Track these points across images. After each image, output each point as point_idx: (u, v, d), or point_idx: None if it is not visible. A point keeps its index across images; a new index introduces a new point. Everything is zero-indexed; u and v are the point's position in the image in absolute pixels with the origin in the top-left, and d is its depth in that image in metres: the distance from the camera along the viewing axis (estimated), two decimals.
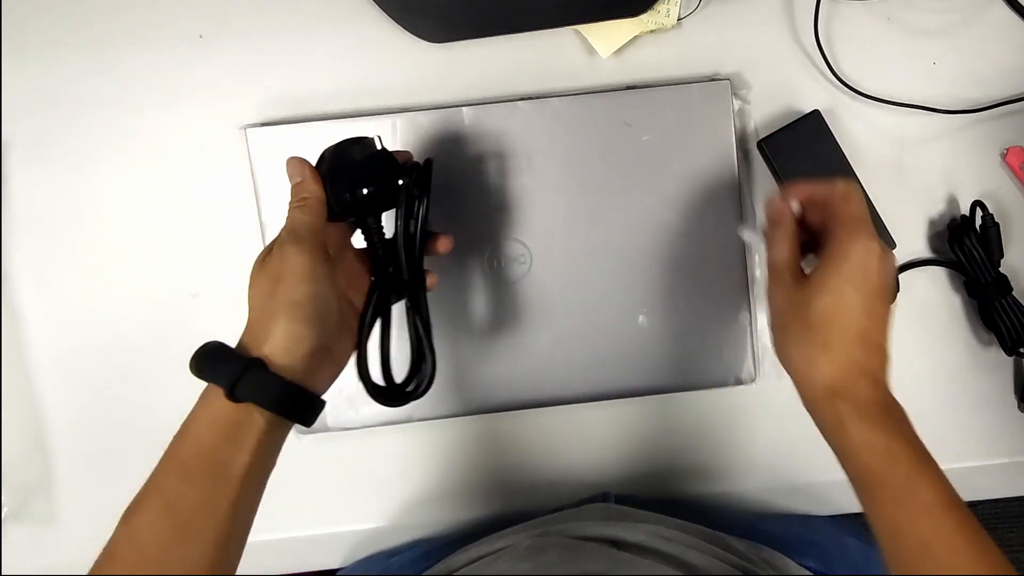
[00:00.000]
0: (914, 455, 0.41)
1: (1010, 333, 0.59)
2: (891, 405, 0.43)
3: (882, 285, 0.43)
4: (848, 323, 0.43)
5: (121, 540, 0.40)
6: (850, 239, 0.44)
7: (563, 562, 0.48)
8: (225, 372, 0.41)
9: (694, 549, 0.51)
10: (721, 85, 0.58)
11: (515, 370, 0.60)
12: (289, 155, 0.47)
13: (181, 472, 0.41)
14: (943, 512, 0.39)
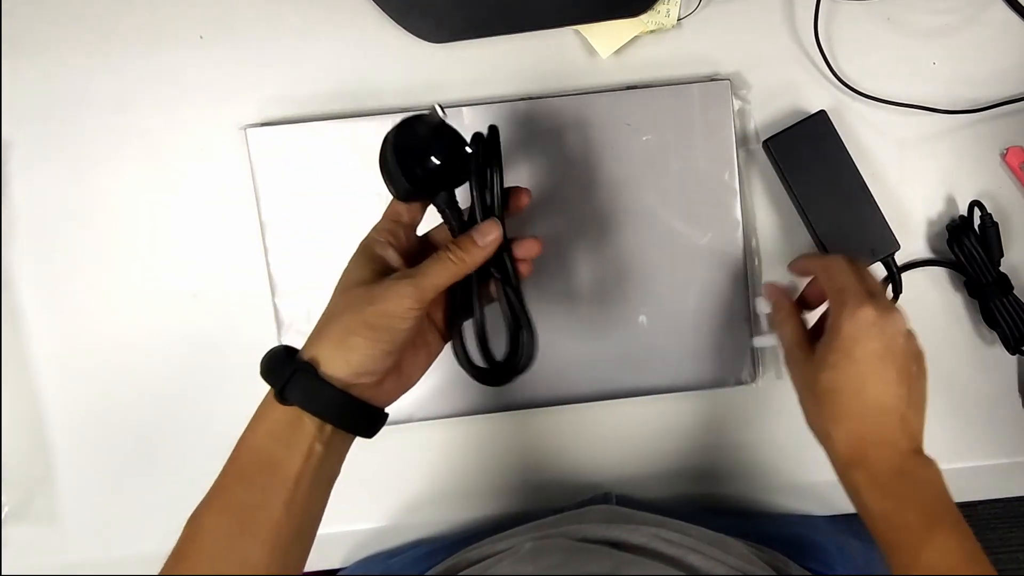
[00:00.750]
0: (925, 517, 0.42)
1: (1012, 332, 0.59)
2: (909, 469, 0.44)
3: (885, 348, 0.44)
4: (851, 394, 0.45)
5: (186, 538, 0.42)
6: (838, 311, 0.45)
7: (565, 564, 0.48)
8: (279, 374, 0.42)
9: (695, 551, 0.51)
10: (721, 85, 0.58)
11: None
12: (287, 156, 0.48)
13: (238, 472, 0.42)
14: (953, 572, 0.40)
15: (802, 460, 0.63)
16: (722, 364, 0.60)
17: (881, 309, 0.45)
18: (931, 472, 0.44)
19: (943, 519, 0.42)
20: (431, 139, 0.45)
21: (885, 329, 0.45)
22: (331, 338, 0.42)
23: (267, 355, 0.44)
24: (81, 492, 0.63)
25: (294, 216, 0.59)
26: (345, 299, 0.43)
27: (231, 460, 0.43)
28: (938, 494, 0.43)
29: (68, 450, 0.62)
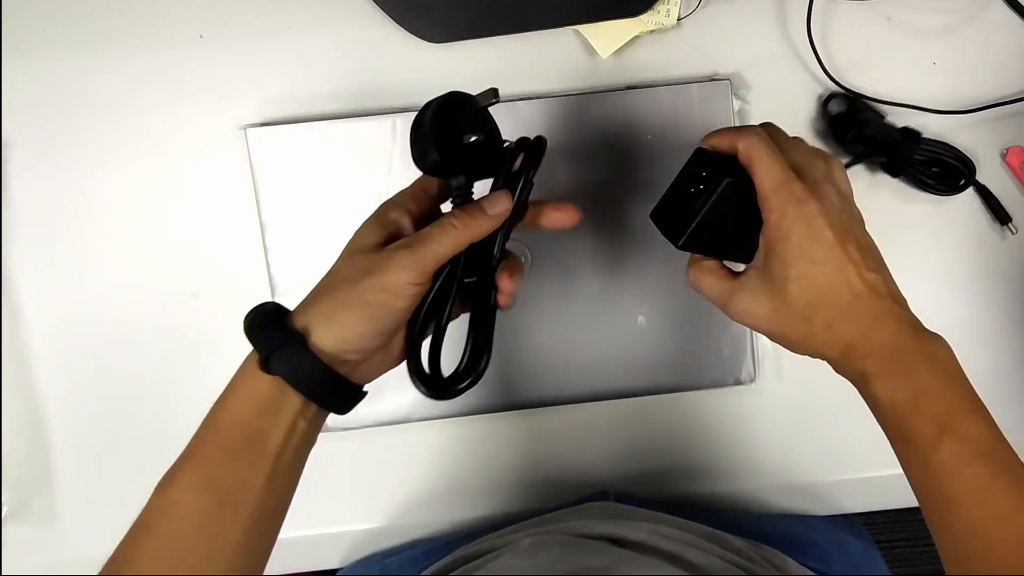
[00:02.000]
0: (942, 405, 0.38)
1: (943, 174, 0.59)
2: (918, 348, 0.40)
3: (837, 229, 0.41)
4: (832, 292, 0.41)
5: (156, 511, 0.39)
6: (770, 217, 0.42)
7: (563, 559, 0.49)
8: (265, 340, 0.40)
9: (694, 547, 0.51)
10: (721, 85, 0.58)
11: (515, 370, 0.60)
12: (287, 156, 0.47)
13: (220, 444, 0.39)
14: (974, 464, 0.37)
15: (802, 460, 0.63)
16: (721, 364, 0.60)
17: (813, 192, 0.41)
18: (941, 349, 0.40)
19: (962, 408, 0.38)
20: (476, 119, 0.43)
21: (825, 211, 0.41)
22: (325, 309, 0.40)
23: (256, 311, 0.41)
24: (81, 492, 0.63)
25: (294, 216, 0.59)
26: (347, 266, 0.41)
27: (209, 429, 0.40)
28: (952, 377, 0.40)
29: (68, 450, 0.63)
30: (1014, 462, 0.38)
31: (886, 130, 0.58)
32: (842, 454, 0.62)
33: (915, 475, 0.39)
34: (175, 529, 0.38)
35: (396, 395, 0.60)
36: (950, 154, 0.59)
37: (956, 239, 0.62)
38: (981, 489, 0.36)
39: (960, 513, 0.37)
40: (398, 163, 0.59)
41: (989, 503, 0.36)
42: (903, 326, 0.41)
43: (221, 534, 0.38)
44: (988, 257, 0.62)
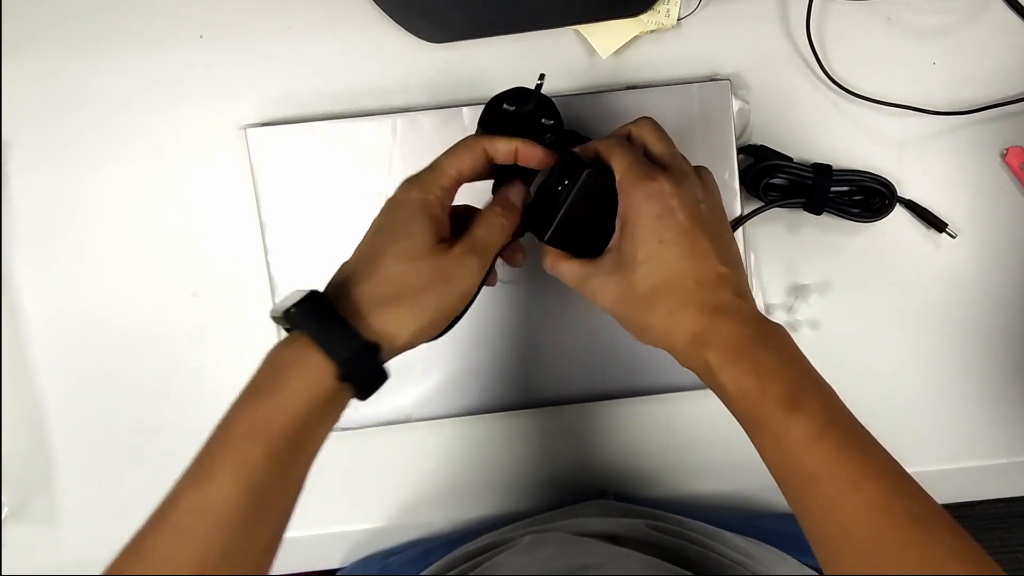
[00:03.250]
0: (787, 386, 0.39)
1: (866, 201, 0.60)
2: (758, 335, 0.40)
3: (690, 216, 0.41)
4: (673, 278, 0.41)
5: (188, 510, 0.36)
6: (623, 201, 0.42)
7: (561, 557, 0.49)
8: (339, 345, 0.38)
9: (693, 544, 0.51)
10: (721, 85, 0.58)
11: (515, 370, 0.60)
12: (287, 156, 0.47)
13: (268, 446, 0.37)
14: (822, 439, 0.37)
15: None
16: None
17: (668, 175, 0.42)
18: (781, 335, 0.41)
19: (805, 386, 0.39)
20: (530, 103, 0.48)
21: (680, 196, 0.41)
22: (403, 317, 0.40)
23: (311, 306, 0.39)
24: (81, 492, 0.63)
25: (294, 216, 0.59)
26: (414, 272, 0.40)
27: (256, 426, 0.37)
28: (793, 359, 0.40)
29: (68, 450, 0.63)
30: (858, 429, 0.38)
31: (796, 172, 0.59)
32: None
33: (771, 458, 0.40)
34: (210, 530, 0.36)
35: (396, 395, 0.60)
36: (867, 178, 0.59)
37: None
38: (832, 462, 0.37)
39: (819, 489, 0.37)
40: (398, 163, 0.59)
41: (841, 475, 0.36)
42: (745, 317, 0.41)
43: (256, 535, 0.38)
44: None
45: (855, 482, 0.36)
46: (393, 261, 0.40)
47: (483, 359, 0.60)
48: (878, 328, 0.62)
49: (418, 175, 0.43)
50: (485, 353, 0.60)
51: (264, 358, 0.40)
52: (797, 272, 0.62)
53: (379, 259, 0.41)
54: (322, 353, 0.38)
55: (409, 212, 0.42)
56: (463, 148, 0.44)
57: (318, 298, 0.39)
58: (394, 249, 0.41)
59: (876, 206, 0.59)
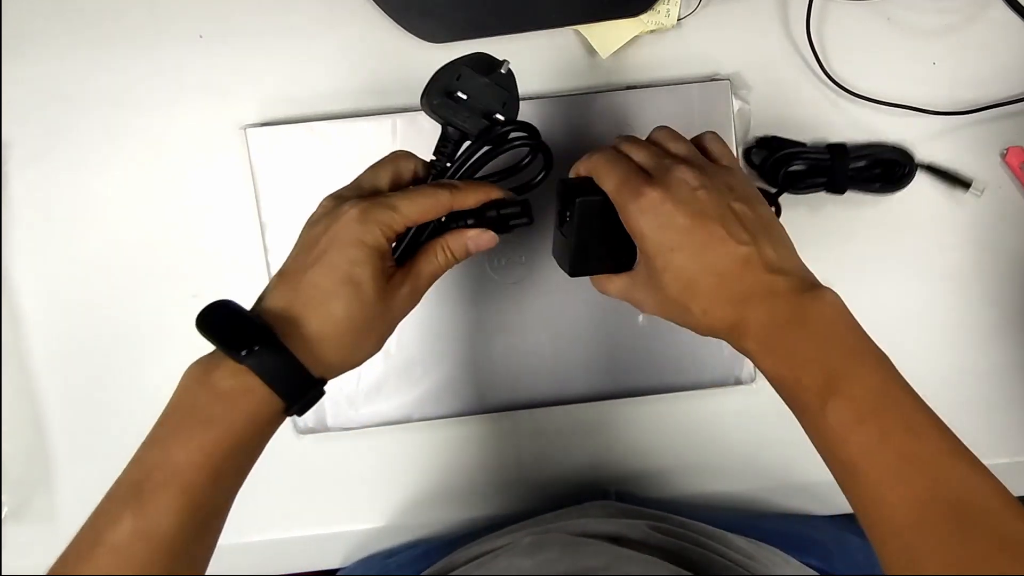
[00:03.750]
0: (822, 378, 0.37)
1: (886, 173, 0.60)
2: (796, 317, 0.39)
3: (688, 215, 0.41)
4: (696, 278, 0.41)
5: (130, 534, 0.36)
6: (624, 217, 0.43)
7: (563, 559, 0.49)
8: (293, 386, 0.39)
9: (695, 545, 0.51)
10: (721, 85, 0.58)
11: (515, 370, 0.60)
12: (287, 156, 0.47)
13: (214, 472, 0.38)
14: (861, 427, 0.36)
15: (802, 460, 0.63)
16: (722, 364, 0.60)
17: (656, 182, 0.42)
18: (823, 307, 0.39)
19: (846, 368, 0.37)
20: (491, 84, 0.46)
21: (673, 197, 0.41)
22: (349, 350, 0.42)
23: (285, 360, 0.39)
24: (81, 492, 0.63)
25: (294, 216, 0.59)
26: (364, 313, 0.41)
27: (201, 451, 0.38)
28: (836, 335, 0.39)
29: (68, 450, 0.63)
30: (908, 410, 0.37)
31: (812, 156, 0.59)
32: None
33: (815, 443, 0.39)
34: (152, 556, 0.36)
35: (396, 395, 0.60)
36: (883, 149, 0.59)
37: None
38: (872, 451, 0.36)
39: (858, 477, 0.36)
40: None
41: (882, 465, 0.35)
42: (778, 296, 0.40)
43: (196, 554, 0.39)
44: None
45: (898, 472, 0.35)
46: (344, 306, 0.41)
47: (483, 359, 0.60)
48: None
49: (373, 211, 0.41)
50: (485, 353, 0.60)
51: (197, 377, 0.40)
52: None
53: (328, 301, 0.41)
54: (272, 391, 0.39)
55: (360, 255, 0.41)
56: (426, 197, 0.43)
57: (273, 341, 0.39)
58: (343, 292, 0.41)
59: (897, 175, 0.59)
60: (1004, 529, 0.33)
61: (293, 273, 0.42)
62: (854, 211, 0.61)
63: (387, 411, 0.60)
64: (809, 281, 0.41)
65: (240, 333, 0.39)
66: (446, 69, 0.46)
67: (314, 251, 0.41)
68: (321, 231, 0.42)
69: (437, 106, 0.46)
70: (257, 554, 0.64)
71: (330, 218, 0.42)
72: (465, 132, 0.46)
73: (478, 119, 0.46)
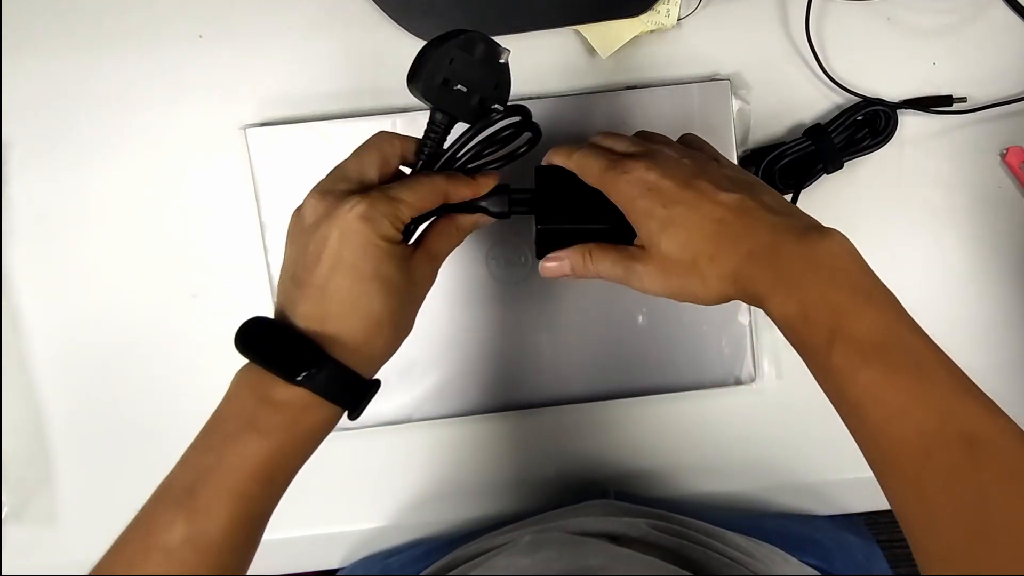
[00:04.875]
0: (828, 315, 0.37)
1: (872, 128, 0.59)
2: (802, 254, 0.39)
3: (674, 175, 0.42)
4: (696, 229, 0.41)
5: (184, 541, 0.37)
6: (616, 200, 0.43)
7: (561, 557, 0.49)
8: (352, 397, 0.41)
9: (695, 544, 0.51)
10: (721, 85, 0.59)
11: (515, 370, 0.60)
12: (287, 156, 0.47)
13: (267, 479, 0.39)
14: (867, 366, 0.35)
15: (802, 460, 0.63)
16: (722, 364, 0.60)
17: (640, 157, 0.43)
18: (826, 246, 0.39)
19: (852, 306, 0.37)
20: (484, 67, 0.45)
21: (658, 166, 0.42)
22: (388, 339, 0.42)
23: (340, 374, 0.40)
24: (81, 492, 0.63)
25: None
26: (393, 305, 0.41)
27: (259, 463, 0.38)
28: (843, 272, 0.38)
29: (68, 450, 0.63)
30: (915, 347, 0.36)
31: (797, 149, 0.59)
32: (843, 454, 0.62)
33: (822, 384, 0.38)
34: (204, 562, 0.37)
35: (396, 395, 0.60)
36: (857, 111, 0.59)
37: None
38: (878, 391, 0.35)
39: (864, 417, 0.36)
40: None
41: (888, 403, 0.35)
42: (781, 233, 0.40)
43: (243, 559, 0.39)
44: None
45: (904, 408, 0.34)
46: (376, 301, 0.41)
47: (483, 359, 0.60)
48: None
49: (378, 206, 0.41)
50: (485, 353, 0.60)
51: (251, 386, 0.40)
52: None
53: (360, 303, 0.40)
54: (332, 404, 0.40)
55: (380, 252, 0.41)
56: (429, 188, 0.43)
57: (321, 357, 0.39)
58: (373, 289, 0.41)
59: (882, 126, 0.59)
60: (1013, 461, 0.33)
61: (314, 284, 0.41)
62: (854, 212, 0.61)
63: (387, 411, 0.60)
64: (814, 223, 0.41)
65: (291, 356, 0.39)
66: (436, 50, 0.45)
67: (327, 257, 0.40)
68: (327, 233, 0.40)
69: (427, 90, 0.44)
70: (257, 554, 0.64)
71: (332, 219, 0.41)
72: (459, 118, 0.45)
73: (473, 106, 0.45)
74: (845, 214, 0.61)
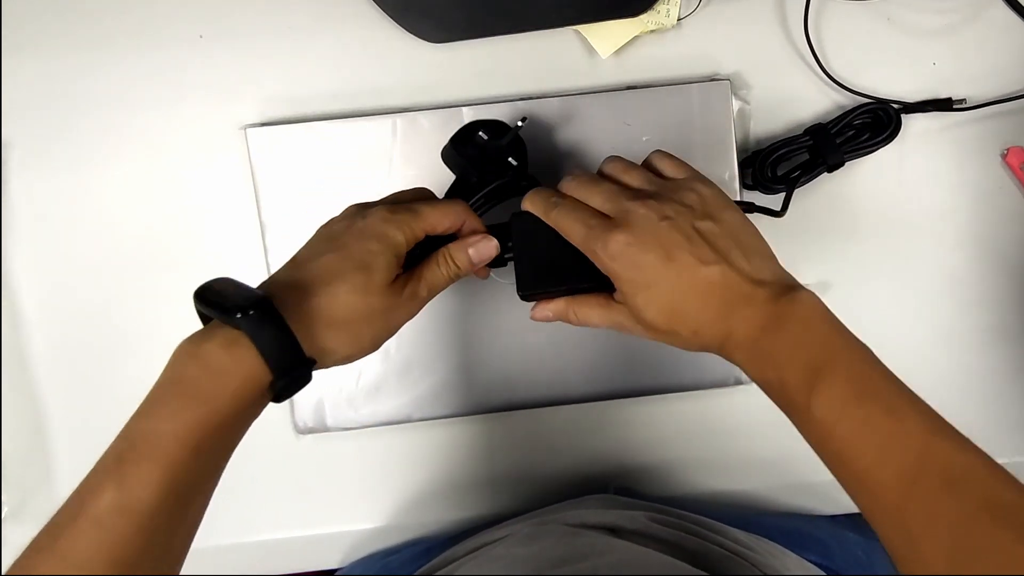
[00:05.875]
0: (803, 375, 0.39)
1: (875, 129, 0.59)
2: (774, 324, 0.41)
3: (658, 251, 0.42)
4: (675, 304, 0.43)
5: (112, 509, 0.36)
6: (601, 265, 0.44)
7: (557, 547, 0.49)
8: (284, 360, 0.39)
9: (692, 535, 0.52)
10: (721, 85, 0.59)
11: (515, 370, 0.60)
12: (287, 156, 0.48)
13: (197, 449, 0.38)
14: (844, 418, 0.38)
15: (802, 459, 0.62)
16: (722, 364, 0.59)
17: (619, 225, 0.43)
18: (801, 309, 0.41)
19: (825, 361, 0.39)
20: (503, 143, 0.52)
21: (638, 238, 0.42)
22: (344, 341, 0.42)
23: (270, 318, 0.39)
24: None
25: (294, 216, 0.60)
26: (367, 304, 0.43)
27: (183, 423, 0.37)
28: (814, 333, 0.40)
29: (68, 450, 0.63)
30: (887, 393, 0.38)
31: (797, 147, 0.59)
32: None
33: (808, 440, 0.41)
34: (132, 531, 0.36)
35: (396, 395, 0.60)
36: (861, 109, 0.59)
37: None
38: (855, 440, 0.37)
39: (848, 466, 0.38)
40: (398, 163, 0.59)
41: (866, 450, 0.37)
42: (757, 306, 0.42)
43: (175, 534, 0.38)
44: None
45: (882, 453, 0.37)
46: (349, 289, 0.42)
47: (483, 359, 0.60)
48: None
49: (398, 212, 0.45)
50: (485, 353, 0.60)
51: (187, 350, 0.40)
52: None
53: (335, 281, 0.42)
54: (264, 364, 0.39)
55: (380, 248, 0.43)
56: (450, 210, 0.47)
57: (270, 309, 0.39)
58: (353, 278, 0.42)
59: (885, 124, 0.59)
60: (989, 493, 0.35)
61: (305, 259, 0.44)
62: (854, 212, 0.62)
63: (387, 411, 0.60)
64: (787, 284, 0.43)
65: (237, 300, 0.39)
66: (465, 127, 0.53)
67: (332, 242, 0.44)
68: (344, 227, 0.44)
69: (455, 156, 0.52)
70: (257, 554, 0.64)
71: (356, 217, 0.45)
72: (478, 180, 0.51)
73: (489, 169, 0.51)
74: (845, 214, 0.61)
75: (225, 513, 0.64)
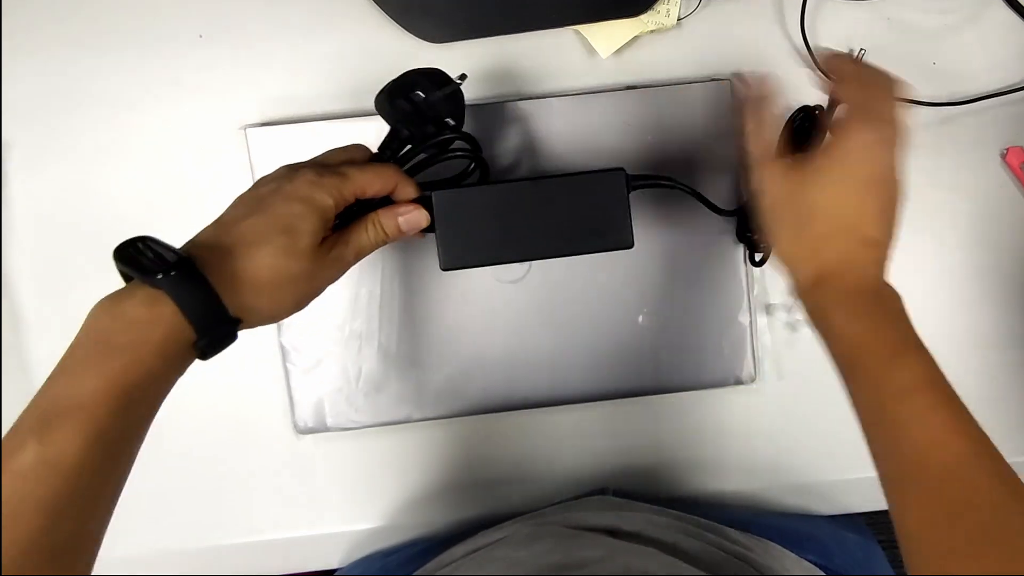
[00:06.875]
0: (894, 339, 0.42)
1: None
2: (880, 294, 0.43)
3: (876, 178, 0.44)
4: (839, 216, 0.44)
5: (37, 461, 0.35)
6: (852, 126, 0.44)
7: (557, 549, 0.49)
8: (207, 318, 0.39)
9: (692, 537, 0.52)
10: (721, 85, 0.58)
11: (515, 370, 0.60)
12: (287, 156, 0.47)
13: (120, 403, 0.37)
14: (920, 392, 0.40)
15: (802, 459, 0.63)
16: (722, 364, 0.60)
17: (890, 136, 0.44)
18: (897, 300, 0.43)
19: (909, 345, 0.41)
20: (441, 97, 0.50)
21: (883, 161, 0.44)
22: (267, 301, 0.42)
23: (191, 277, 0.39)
24: None
25: None
26: (291, 267, 0.42)
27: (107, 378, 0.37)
28: (904, 321, 0.43)
29: None
30: (953, 394, 0.40)
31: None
32: (842, 454, 0.62)
33: (865, 400, 0.42)
34: (57, 483, 0.35)
35: (396, 395, 0.60)
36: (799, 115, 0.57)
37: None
38: (927, 415, 0.39)
39: (908, 436, 0.39)
40: None
41: (932, 428, 0.39)
42: (873, 276, 0.44)
43: (101, 488, 0.38)
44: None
45: (946, 436, 0.38)
46: (273, 251, 0.42)
47: (483, 359, 0.60)
48: None
49: (325, 176, 0.44)
50: (485, 353, 0.60)
51: (106, 307, 0.40)
52: None
53: (260, 243, 0.42)
54: (186, 321, 0.39)
55: (306, 211, 0.43)
56: (381, 174, 0.47)
57: (192, 269, 0.39)
58: (278, 240, 0.42)
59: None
60: None
61: (230, 220, 0.43)
62: None
63: (387, 411, 0.61)
64: (886, 277, 0.45)
65: (158, 260, 0.39)
66: (404, 76, 0.50)
67: (259, 203, 0.43)
68: (272, 189, 0.44)
69: (389, 107, 0.49)
70: (257, 554, 0.64)
71: (283, 180, 0.44)
72: (411, 134, 0.49)
73: (425, 125, 0.49)
74: None
75: (225, 513, 0.64)
